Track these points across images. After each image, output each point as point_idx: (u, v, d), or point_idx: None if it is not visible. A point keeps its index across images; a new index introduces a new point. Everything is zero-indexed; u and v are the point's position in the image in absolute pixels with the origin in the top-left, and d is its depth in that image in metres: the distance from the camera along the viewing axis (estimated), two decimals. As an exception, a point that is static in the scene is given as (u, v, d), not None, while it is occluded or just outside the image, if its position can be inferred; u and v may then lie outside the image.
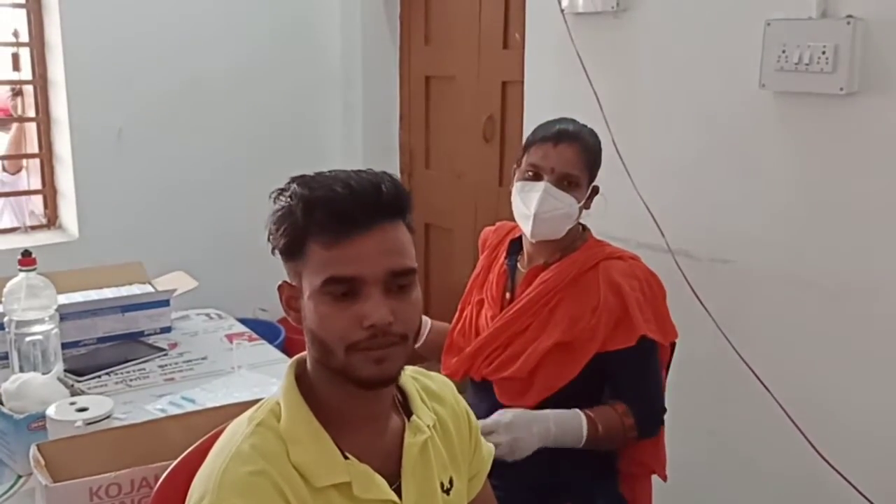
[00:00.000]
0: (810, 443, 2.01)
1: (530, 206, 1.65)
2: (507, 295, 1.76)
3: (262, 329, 2.52)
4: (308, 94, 3.58)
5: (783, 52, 1.94)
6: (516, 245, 1.81)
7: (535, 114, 2.67)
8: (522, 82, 2.74)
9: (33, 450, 1.35)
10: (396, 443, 1.09)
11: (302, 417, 1.04)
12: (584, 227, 1.77)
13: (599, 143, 1.75)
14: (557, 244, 1.71)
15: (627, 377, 1.66)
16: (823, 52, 1.87)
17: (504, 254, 1.81)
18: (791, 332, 2.08)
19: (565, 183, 1.65)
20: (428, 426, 1.12)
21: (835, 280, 2.00)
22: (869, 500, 1.94)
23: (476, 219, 3.25)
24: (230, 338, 2.23)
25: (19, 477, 1.51)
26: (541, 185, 1.65)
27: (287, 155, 3.49)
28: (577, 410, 1.60)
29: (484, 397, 1.71)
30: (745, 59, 2.03)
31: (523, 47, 2.70)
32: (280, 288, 1.08)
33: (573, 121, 1.74)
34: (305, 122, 3.58)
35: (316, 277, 1.00)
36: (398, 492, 1.07)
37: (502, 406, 1.63)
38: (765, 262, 2.11)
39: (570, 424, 1.59)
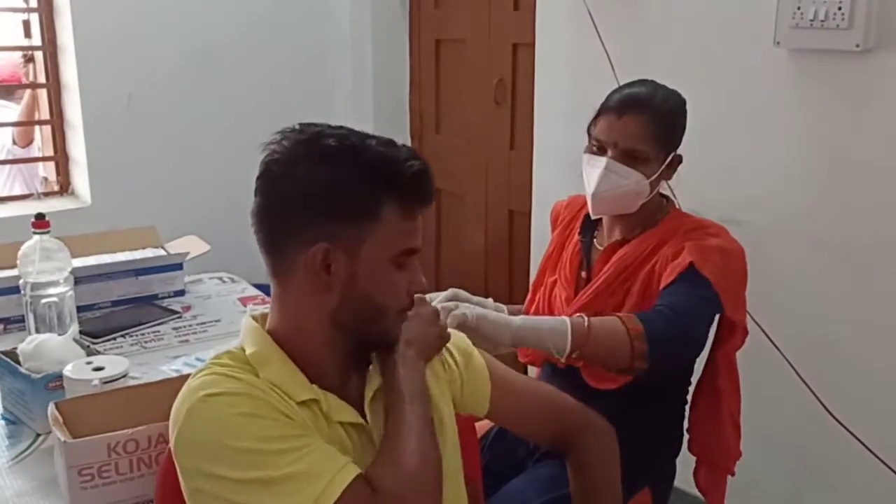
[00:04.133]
0: (819, 401, 2.02)
1: (591, 182, 1.55)
2: (583, 274, 1.65)
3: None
4: (317, 58, 3.56)
5: (798, 8, 1.91)
6: (591, 219, 1.68)
7: (547, 76, 2.66)
8: (533, 44, 2.71)
9: (51, 408, 1.37)
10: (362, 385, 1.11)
11: (269, 346, 1.05)
12: (668, 200, 1.65)
13: (679, 107, 1.59)
14: (635, 219, 1.59)
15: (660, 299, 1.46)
16: (839, 9, 1.84)
17: (578, 230, 1.70)
18: (802, 293, 2.08)
19: (630, 158, 1.53)
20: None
21: (848, 240, 1.99)
22: (879, 458, 1.95)
23: (487, 183, 3.24)
24: (244, 301, 2.24)
25: (38, 435, 1.53)
26: (602, 161, 1.53)
27: (297, 120, 3.44)
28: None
29: (567, 383, 1.54)
30: (760, 16, 2.01)
31: (534, 9, 2.67)
32: (323, 250, 1.00)
33: (649, 84, 1.59)
34: (315, 86, 3.56)
35: (392, 245, 1.02)
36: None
37: (590, 391, 1.53)
38: (777, 222, 2.10)
39: (545, 320, 1.41)
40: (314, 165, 1.00)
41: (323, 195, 0.99)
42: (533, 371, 1.86)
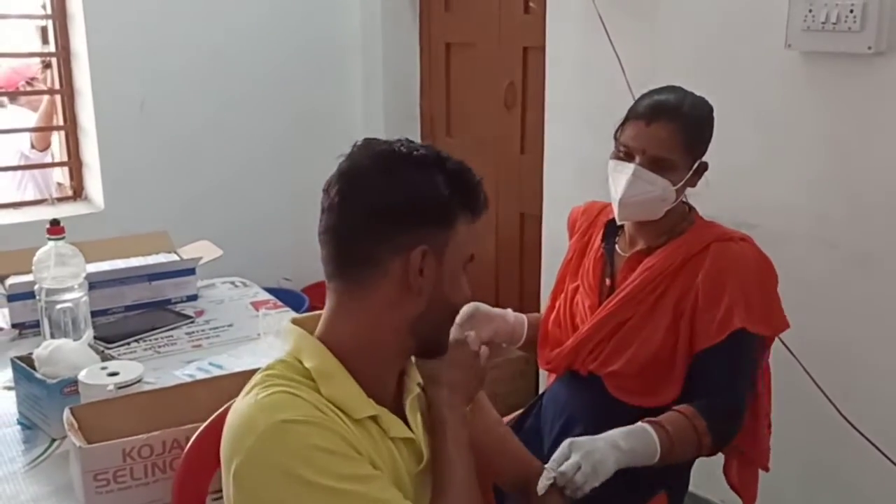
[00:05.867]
0: (833, 404, 2.01)
1: (618, 188, 1.54)
2: (607, 281, 1.64)
3: (286, 298, 2.54)
4: (328, 62, 3.57)
5: (810, 10, 1.91)
6: (613, 226, 1.67)
7: (557, 80, 2.66)
8: (544, 48, 2.71)
9: (67, 413, 1.38)
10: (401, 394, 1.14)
11: (330, 360, 1.06)
12: (691, 208, 1.64)
13: (707, 114, 1.60)
14: (660, 226, 1.58)
15: (709, 371, 1.50)
16: (851, 11, 1.84)
17: (599, 236, 1.68)
18: (816, 296, 2.07)
19: (657, 166, 1.52)
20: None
21: (861, 244, 1.98)
22: (893, 462, 1.94)
23: (497, 187, 3.24)
24: (256, 305, 2.25)
25: (53, 440, 1.54)
26: (630, 168, 1.52)
27: (308, 124, 3.51)
28: (639, 422, 1.43)
29: (589, 393, 1.58)
30: (771, 19, 2.01)
31: (544, 12, 2.68)
32: (423, 252, 1.03)
33: (677, 91, 1.59)
34: (326, 90, 3.57)
35: (465, 250, 1.07)
36: None
37: (614, 401, 1.55)
38: (790, 226, 2.10)
39: (638, 436, 1.40)
40: (413, 172, 1.03)
41: (421, 200, 1.03)
42: (545, 377, 1.86)
